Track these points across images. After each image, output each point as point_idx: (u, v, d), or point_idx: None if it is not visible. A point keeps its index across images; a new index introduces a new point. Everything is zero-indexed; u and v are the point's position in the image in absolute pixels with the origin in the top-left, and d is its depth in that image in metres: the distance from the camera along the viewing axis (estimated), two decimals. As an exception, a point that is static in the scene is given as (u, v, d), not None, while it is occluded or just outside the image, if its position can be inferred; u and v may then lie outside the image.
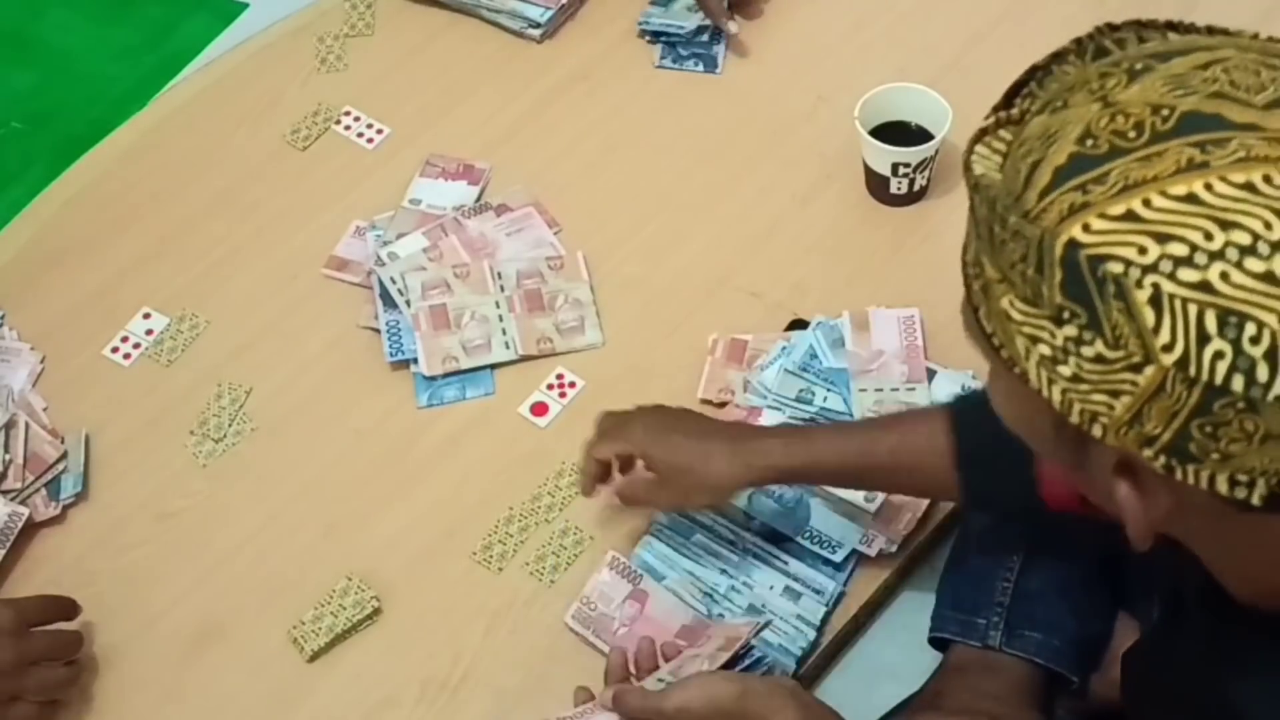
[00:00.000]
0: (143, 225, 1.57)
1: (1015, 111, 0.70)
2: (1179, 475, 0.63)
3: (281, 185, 1.59)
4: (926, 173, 1.48)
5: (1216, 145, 0.60)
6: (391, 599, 1.28)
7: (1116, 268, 0.60)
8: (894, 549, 1.27)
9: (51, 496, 1.35)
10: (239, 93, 1.69)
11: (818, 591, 1.25)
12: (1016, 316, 0.65)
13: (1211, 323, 0.59)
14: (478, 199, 1.56)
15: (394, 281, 1.45)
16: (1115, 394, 0.62)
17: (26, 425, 1.38)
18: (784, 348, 1.37)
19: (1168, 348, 0.60)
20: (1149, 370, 0.61)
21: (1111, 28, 0.71)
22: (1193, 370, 0.60)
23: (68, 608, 1.25)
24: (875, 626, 1.29)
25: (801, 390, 1.34)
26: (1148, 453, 0.63)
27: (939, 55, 1.62)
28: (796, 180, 1.55)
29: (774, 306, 1.44)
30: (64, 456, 1.37)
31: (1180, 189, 0.60)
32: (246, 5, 1.81)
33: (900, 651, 1.27)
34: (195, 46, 1.77)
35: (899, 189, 1.49)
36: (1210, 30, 0.69)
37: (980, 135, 0.70)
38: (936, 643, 1.22)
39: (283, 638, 1.26)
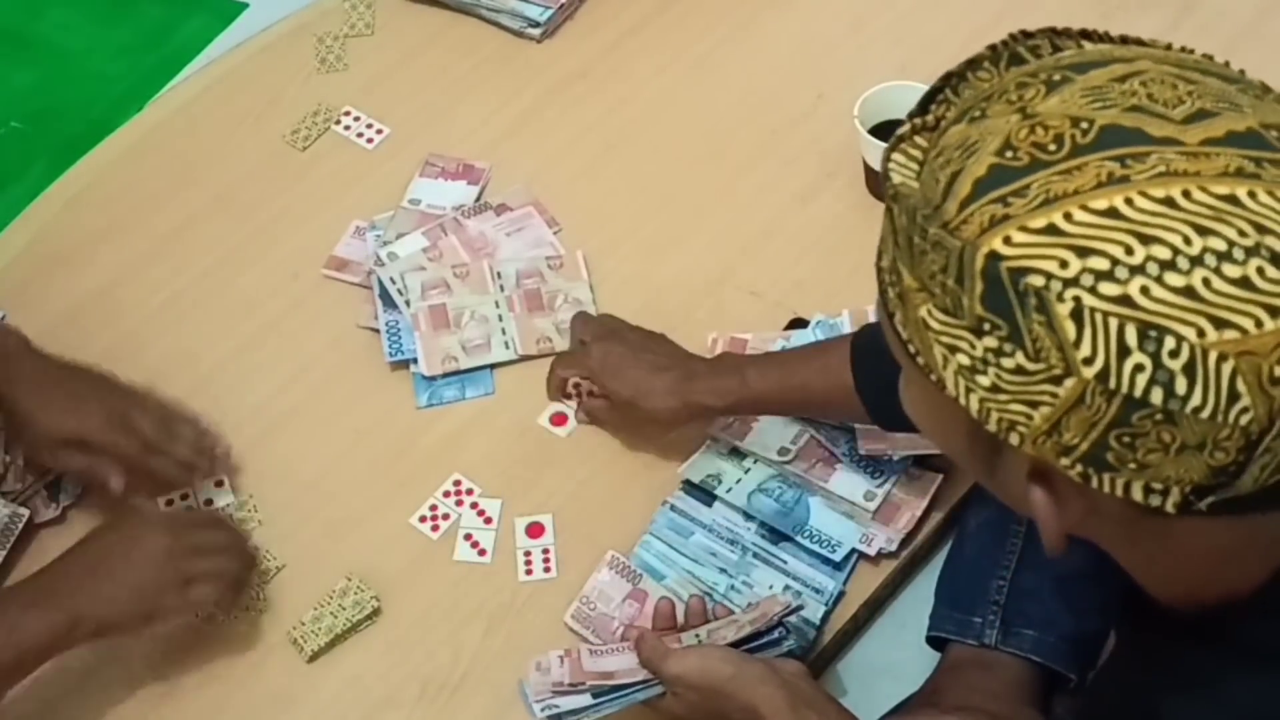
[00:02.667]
0: (143, 225, 1.57)
1: (930, 118, 0.70)
2: (1094, 484, 0.64)
3: (281, 185, 1.59)
4: (926, 171, 1.48)
5: (1136, 159, 0.61)
6: (391, 599, 1.28)
7: (1038, 281, 0.61)
8: (894, 548, 1.27)
9: (52, 498, 1.35)
10: (239, 93, 1.69)
11: (817, 591, 1.25)
12: (935, 326, 0.65)
13: (1132, 336, 0.60)
14: (477, 199, 1.56)
15: (394, 282, 1.45)
16: (1034, 405, 0.63)
17: (27, 426, 1.37)
18: (784, 347, 1.37)
19: (1088, 360, 0.60)
20: (1069, 383, 0.61)
21: (1026, 35, 0.71)
22: (1113, 383, 0.60)
23: (219, 518, 1.30)
24: (875, 626, 1.29)
25: (801, 389, 1.34)
26: (1064, 461, 0.64)
27: (939, 53, 1.59)
28: (796, 179, 1.55)
29: (774, 305, 1.43)
30: (64, 457, 1.37)
31: (1101, 203, 0.60)
32: (246, 5, 1.81)
33: (900, 651, 1.27)
34: (195, 46, 1.77)
35: (899, 188, 1.48)
36: (1124, 40, 0.70)
37: (896, 143, 0.70)
38: (934, 642, 1.22)
39: (283, 638, 1.26)
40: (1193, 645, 0.75)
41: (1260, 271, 0.59)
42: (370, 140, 1.63)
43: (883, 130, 1.47)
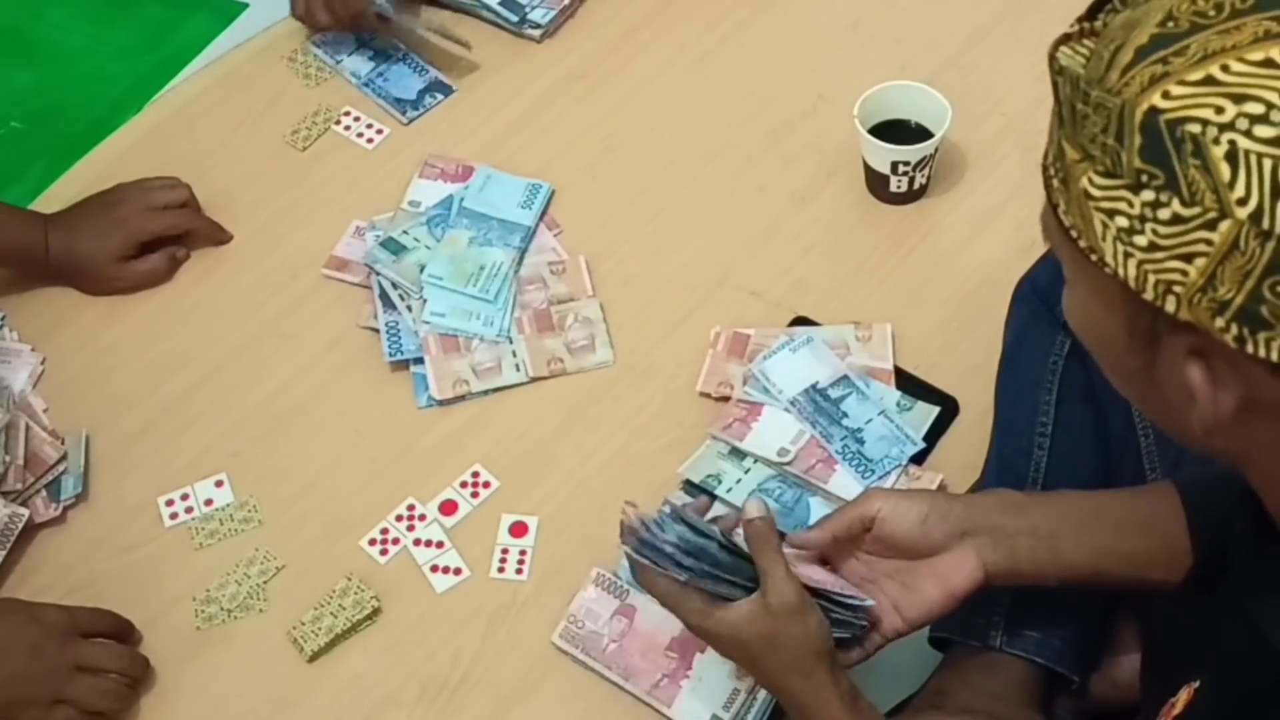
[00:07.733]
0: (143, 225, 1.57)
1: (1099, 24, 0.72)
2: (1250, 347, 0.65)
3: (281, 185, 1.59)
4: (926, 171, 1.48)
5: None
6: (391, 599, 1.28)
7: (1195, 128, 0.63)
8: (894, 548, 1.27)
9: (52, 497, 1.35)
10: (239, 93, 1.69)
11: (818, 591, 1.25)
12: (1096, 193, 0.67)
13: None
14: (477, 199, 1.55)
15: (394, 286, 1.45)
16: (1190, 258, 0.64)
17: (27, 426, 1.37)
18: (786, 342, 1.37)
19: (1242, 201, 0.62)
20: (1224, 225, 0.63)
21: None
22: (1266, 223, 0.62)
23: (124, 626, 1.25)
24: (875, 626, 1.29)
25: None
26: (1219, 322, 0.65)
27: (939, 53, 1.62)
28: (796, 179, 1.55)
29: (774, 305, 1.43)
30: (64, 457, 1.37)
31: (1258, 55, 0.63)
32: (246, 5, 1.81)
33: (900, 651, 1.26)
34: (195, 46, 1.77)
35: (899, 187, 1.48)
36: None
37: (1064, 39, 0.72)
38: (936, 642, 1.22)
39: (283, 638, 1.26)
40: None
41: None
42: (370, 140, 1.63)
43: (883, 130, 1.47)
